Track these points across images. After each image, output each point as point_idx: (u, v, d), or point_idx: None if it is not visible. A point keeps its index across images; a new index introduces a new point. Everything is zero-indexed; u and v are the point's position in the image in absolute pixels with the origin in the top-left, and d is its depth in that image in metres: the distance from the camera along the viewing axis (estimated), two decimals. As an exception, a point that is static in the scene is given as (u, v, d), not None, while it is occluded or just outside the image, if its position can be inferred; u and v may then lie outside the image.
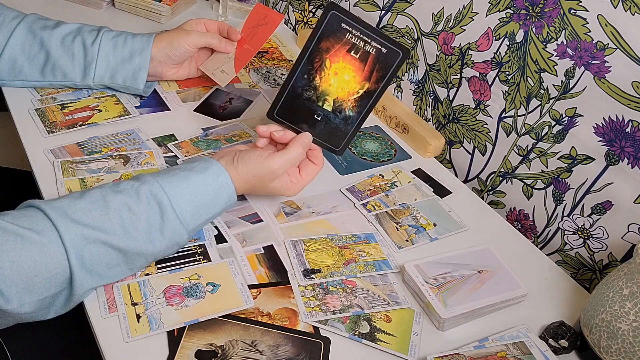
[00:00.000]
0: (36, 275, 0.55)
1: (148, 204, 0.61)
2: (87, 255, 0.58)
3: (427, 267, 0.71)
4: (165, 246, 0.63)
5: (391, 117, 0.98)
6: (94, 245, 0.58)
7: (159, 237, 0.62)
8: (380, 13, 1.00)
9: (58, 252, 0.56)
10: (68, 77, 0.86)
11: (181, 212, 0.63)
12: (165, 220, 0.62)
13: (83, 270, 0.58)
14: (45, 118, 0.84)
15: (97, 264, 0.59)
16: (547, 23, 0.75)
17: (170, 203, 0.62)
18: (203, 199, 0.65)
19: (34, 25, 0.84)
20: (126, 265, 0.62)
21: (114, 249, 0.59)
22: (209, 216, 0.67)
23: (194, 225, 0.65)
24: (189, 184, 0.65)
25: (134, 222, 0.60)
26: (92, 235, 0.58)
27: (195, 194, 0.65)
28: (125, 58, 0.85)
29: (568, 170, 0.78)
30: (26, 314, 0.56)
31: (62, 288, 0.57)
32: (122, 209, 0.60)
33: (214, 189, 0.66)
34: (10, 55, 0.83)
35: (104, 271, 0.60)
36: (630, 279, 0.60)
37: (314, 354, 0.61)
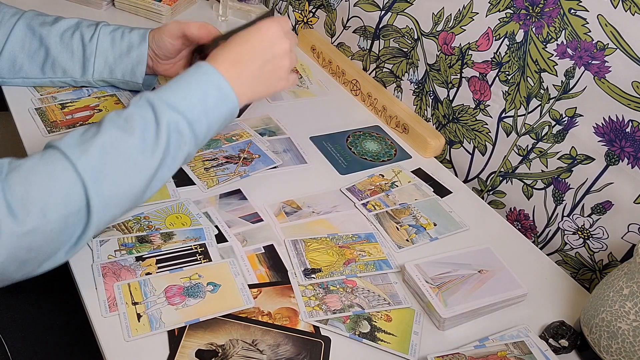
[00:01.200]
0: (51, 191, 0.55)
1: (137, 105, 0.62)
2: (92, 162, 0.57)
3: (428, 267, 0.71)
4: (166, 140, 0.62)
5: (391, 117, 0.98)
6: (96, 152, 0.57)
7: (155, 129, 0.61)
8: (380, 13, 1.00)
9: (64, 165, 0.56)
10: (68, 73, 0.86)
11: (171, 102, 0.63)
12: (158, 112, 0.62)
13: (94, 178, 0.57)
14: (45, 117, 0.84)
15: (105, 171, 0.58)
16: (547, 23, 0.75)
17: (159, 97, 0.62)
18: (191, 90, 0.65)
19: (33, 21, 0.84)
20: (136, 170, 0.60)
21: (117, 153, 0.59)
22: (206, 106, 0.65)
23: (192, 114, 0.64)
24: (174, 82, 0.65)
25: (127, 121, 0.60)
26: (91, 145, 0.58)
27: (181, 87, 0.65)
28: (123, 52, 0.85)
29: (568, 170, 0.79)
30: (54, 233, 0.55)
31: (81, 204, 0.56)
32: (113, 117, 0.61)
33: (198, 78, 0.66)
34: (10, 52, 0.83)
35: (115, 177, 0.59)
36: (630, 279, 0.61)
37: (314, 353, 0.61)
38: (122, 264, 0.67)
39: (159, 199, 0.76)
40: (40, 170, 0.56)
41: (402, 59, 1.00)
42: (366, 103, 1.03)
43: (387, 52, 1.02)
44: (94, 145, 0.58)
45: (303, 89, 1.05)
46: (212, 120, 0.66)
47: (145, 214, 0.73)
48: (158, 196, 0.76)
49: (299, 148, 0.90)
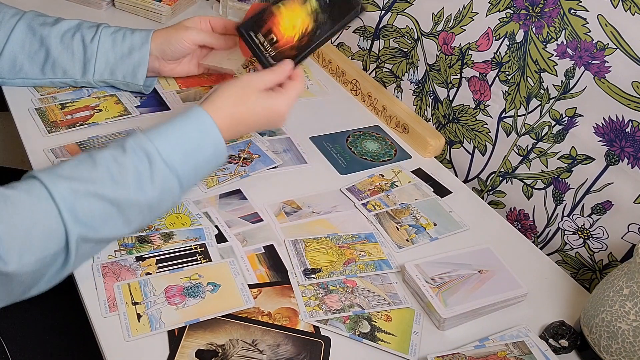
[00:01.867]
0: (31, 234, 0.55)
1: (134, 153, 0.62)
2: (79, 208, 0.57)
3: (428, 267, 0.71)
4: (158, 195, 0.63)
5: (391, 117, 0.98)
6: (85, 198, 0.58)
7: (149, 185, 0.62)
8: (380, 13, 1.00)
9: (49, 207, 0.56)
10: (68, 74, 0.86)
11: (168, 158, 0.63)
12: (153, 167, 0.62)
13: (77, 225, 0.57)
14: (45, 117, 0.84)
15: (90, 218, 0.58)
16: (547, 23, 0.75)
17: (156, 150, 0.63)
18: (188, 143, 0.65)
19: (33, 22, 0.84)
20: (121, 217, 0.61)
21: (105, 201, 0.59)
22: (197, 161, 0.66)
23: (183, 171, 0.65)
24: (172, 129, 0.65)
25: (122, 172, 0.60)
26: (81, 188, 0.58)
27: (179, 138, 0.65)
28: (124, 54, 0.85)
29: (568, 170, 0.79)
30: (27, 275, 0.55)
31: (59, 247, 0.57)
32: (108, 160, 0.61)
33: (198, 131, 0.67)
34: (11, 53, 0.83)
35: (99, 225, 0.60)
36: (630, 279, 0.61)
37: (314, 353, 0.62)
38: (122, 264, 0.67)
39: (159, 199, 0.76)
40: (25, 210, 0.55)
41: (402, 59, 1.00)
42: (366, 103, 1.03)
43: (387, 52, 1.02)
44: (83, 190, 0.58)
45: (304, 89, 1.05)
46: (198, 172, 0.69)
47: (145, 214, 0.73)
48: (158, 196, 0.76)
49: (299, 148, 0.90)
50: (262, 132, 0.91)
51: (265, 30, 0.76)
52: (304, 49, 0.77)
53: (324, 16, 0.76)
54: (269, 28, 0.76)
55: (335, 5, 0.76)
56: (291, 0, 0.76)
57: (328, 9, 0.76)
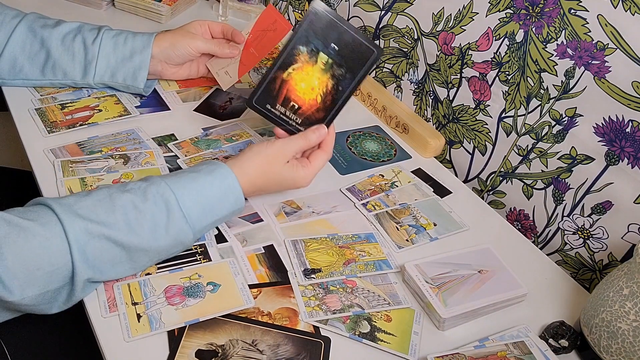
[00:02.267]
0: (38, 269, 0.55)
1: (154, 203, 0.62)
2: (90, 250, 0.58)
3: (428, 267, 0.71)
4: (169, 245, 0.63)
5: (391, 117, 0.98)
6: (97, 240, 0.58)
7: (163, 235, 0.62)
8: (380, 13, 1.00)
9: (61, 245, 0.56)
10: (68, 76, 0.86)
11: (188, 212, 0.63)
12: (171, 218, 0.62)
13: (85, 266, 0.58)
14: (45, 118, 0.84)
15: (99, 260, 0.59)
16: (547, 23, 0.75)
17: (177, 202, 0.63)
18: (210, 201, 0.66)
19: (34, 24, 0.84)
20: (129, 263, 0.62)
21: (117, 245, 0.59)
22: (215, 218, 0.67)
23: (200, 226, 0.65)
24: (196, 185, 0.65)
25: (139, 219, 0.61)
26: (96, 230, 0.58)
27: (202, 194, 0.65)
28: (125, 57, 0.85)
29: (568, 170, 0.79)
30: (27, 306, 0.56)
31: (64, 283, 0.58)
32: (127, 206, 0.61)
33: (220, 190, 0.66)
34: (11, 54, 0.83)
35: (106, 268, 0.60)
36: (630, 279, 0.61)
37: (314, 353, 0.61)
38: (122, 264, 0.66)
39: (158, 199, 0.76)
40: (37, 245, 0.55)
41: (402, 59, 1.00)
42: (366, 103, 1.03)
43: (387, 52, 1.02)
44: (99, 235, 0.58)
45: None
46: (213, 226, 0.70)
47: (145, 214, 0.73)
48: (158, 196, 0.76)
49: (299, 148, 0.90)
50: (262, 132, 0.91)
51: (282, 100, 0.74)
52: (330, 108, 0.74)
53: (341, 70, 0.72)
54: (287, 97, 0.73)
55: (349, 56, 0.71)
56: (300, 63, 0.72)
57: (343, 61, 0.71)
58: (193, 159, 0.83)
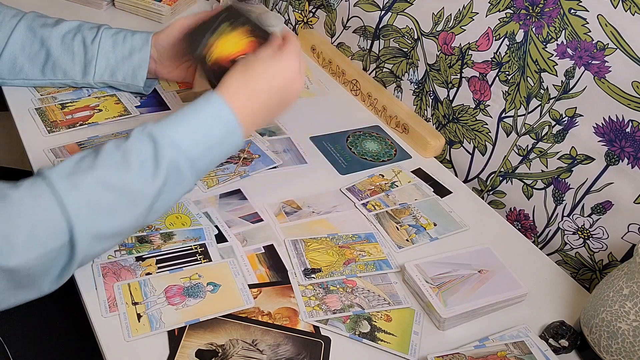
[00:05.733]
0: (34, 228, 0.53)
1: (137, 138, 0.60)
2: (82, 198, 0.55)
3: (428, 267, 0.71)
4: (163, 180, 0.60)
5: (391, 117, 0.98)
6: (86, 187, 0.56)
7: (153, 168, 0.59)
8: (380, 13, 1.00)
9: (51, 202, 0.54)
10: (68, 75, 0.86)
11: (174, 139, 0.60)
12: (158, 148, 0.59)
13: (81, 216, 0.55)
14: (45, 117, 0.84)
15: (95, 208, 0.56)
16: (547, 23, 0.75)
17: (160, 131, 0.60)
18: (198, 126, 0.62)
19: (34, 23, 0.84)
20: (129, 206, 0.58)
21: (109, 188, 0.57)
22: (209, 143, 0.63)
23: (194, 153, 0.62)
24: (179, 114, 0.63)
25: (125, 156, 0.58)
26: (82, 178, 0.56)
27: (188, 121, 0.62)
28: (125, 55, 0.85)
29: (568, 170, 0.79)
30: (32, 269, 0.54)
31: (63, 241, 0.55)
32: (111, 149, 0.59)
33: (206, 111, 0.64)
34: (11, 54, 0.83)
35: (105, 216, 0.57)
36: (630, 279, 0.61)
37: (314, 353, 0.62)
38: (122, 264, 0.67)
39: (159, 199, 0.76)
40: (25, 206, 0.54)
41: (402, 59, 1.00)
42: (366, 103, 1.03)
43: (387, 52, 1.02)
44: (86, 181, 0.56)
45: (303, 89, 1.05)
46: (215, 156, 0.65)
47: (145, 214, 0.73)
48: (158, 196, 0.76)
49: (299, 148, 0.90)
50: (262, 131, 0.91)
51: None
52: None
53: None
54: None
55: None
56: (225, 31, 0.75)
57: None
58: (193, 158, 0.83)
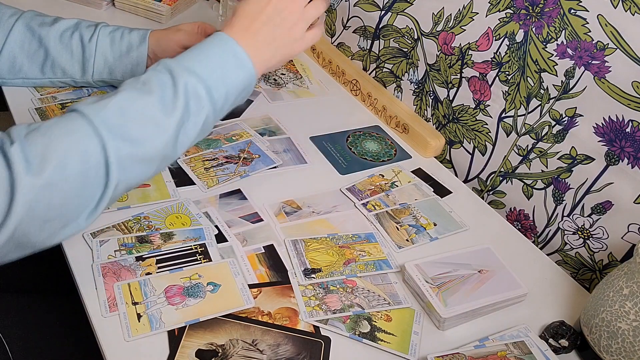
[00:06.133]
0: (69, 148, 0.54)
1: (154, 69, 0.62)
2: (111, 121, 0.57)
3: (428, 267, 0.71)
4: (184, 104, 0.61)
5: (391, 117, 0.98)
6: (115, 108, 0.58)
7: (173, 91, 0.61)
8: (380, 13, 1.00)
9: (83, 122, 0.56)
10: (68, 74, 0.86)
11: (188, 65, 0.63)
12: (175, 75, 0.61)
13: (111, 135, 0.56)
14: (45, 117, 0.84)
15: (124, 129, 0.58)
16: (547, 23, 0.76)
17: (175, 62, 0.63)
18: (208, 56, 0.64)
19: (32, 22, 0.84)
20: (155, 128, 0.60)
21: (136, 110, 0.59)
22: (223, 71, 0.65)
23: (209, 78, 0.63)
24: (190, 51, 0.65)
25: (145, 83, 0.61)
26: (110, 102, 0.58)
27: (197, 53, 0.64)
28: (122, 53, 0.85)
29: (568, 170, 0.79)
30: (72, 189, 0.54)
31: (99, 160, 0.56)
32: (131, 82, 0.61)
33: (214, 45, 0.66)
34: (10, 53, 0.83)
35: (135, 136, 0.58)
36: (630, 279, 0.61)
37: (314, 353, 0.62)
38: (122, 264, 0.67)
39: (159, 198, 0.76)
40: (58, 127, 0.55)
41: (402, 59, 1.00)
42: (366, 103, 1.03)
43: (387, 52, 1.02)
44: (112, 103, 0.58)
45: (303, 89, 1.05)
46: (230, 87, 0.65)
47: (145, 213, 0.73)
48: (158, 196, 0.76)
49: (299, 148, 0.90)
50: (262, 131, 0.91)
51: None
52: None
53: None
54: None
55: None
56: None
57: None
58: (193, 158, 0.83)
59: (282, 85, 1.04)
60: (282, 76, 1.07)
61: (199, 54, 0.65)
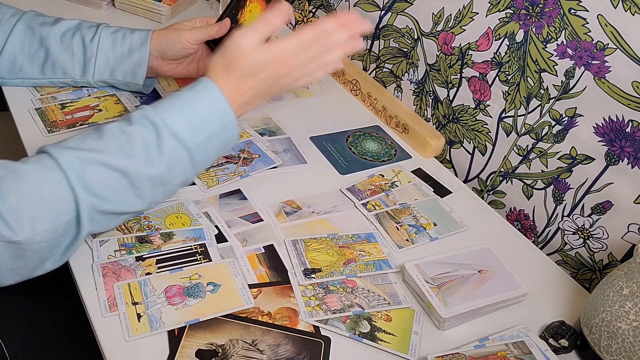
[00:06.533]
0: (42, 202, 0.55)
1: (141, 124, 0.61)
2: (88, 177, 0.57)
3: (428, 267, 0.71)
4: (167, 166, 0.62)
5: (391, 117, 0.98)
6: (92, 166, 0.58)
7: (157, 155, 0.61)
8: (380, 13, 1.00)
9: (57, 176, 0.56)
10: (68, 74, 0.86)
11: (175, 128, 0.62)
12: (160, 137, 0.61)
13: (86, 193, 0.57)
14: (45, 117, 0.84)
15: (100, 187, 0.58)
16: (547, 23, 0.76)
17: (162, 120, 0.62)
18: (196, 115, 0.64)
19: (33, 22, 0.84)
20: (132, 190, 0.61)
21: (114, 170, 0.59)
22: (208, 133, 0.64)
23: (193, 143, 0.63)
24: (180, 101, 0.64)
25: (129, 141, 0.60)
26: (88, 157, 0.58)
27: (187, 109, 0.64)
28: (124, 54, 0.85)
29: (568, 170, 0.79)
30: (41, 244, 0.56)
31: (70, 215, 0.57)
32: (115, 132, 0.61)
33: (205, 103, 0.65)
34: (10, 53, 0.83)
35: (110, 195, 0.59)
36: (630, 279, 0.61)
37: (314, 353, 0.62)
38: (122, 264, 0.67)
39: (159, 199, 0.76)
40: (34, 180, 0.56)
41: (402, 59, 1.00)
42: (366, 103, 1.03)
43: (387, 52, 1.02)
44: (92, 160, 0.58)
45: (303, 89, 1.05)
46: (211, 147, 0.66)
47: (145, 214, 0.73)
48: (158, 196, 0.76)
49: (299, 148, 0.90)
50: (262, 131, 0.91)
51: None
52: None
53: None
54: None
55: None
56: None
57: None
58: (193, 158, 0.83)
59: (282, 85, 1.04)
60: (282, 76, 1.06)
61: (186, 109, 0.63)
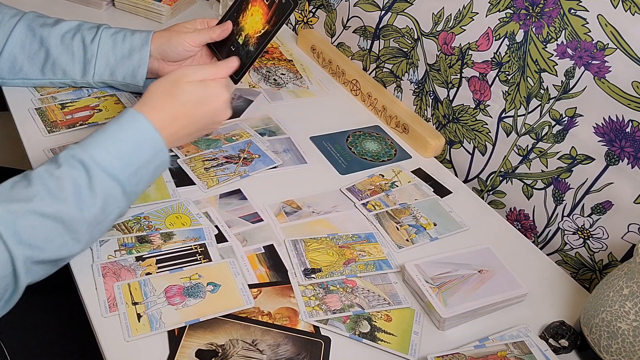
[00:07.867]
0: None
1: (69, 165, 0.60)
2: (21, 229, 0.55)
3: (428, 267, 0.71)
4: (102, 205, 0.60)
5: (391, 117, 0.98)
6: (24, 217, 0.56)
7: (90, 195, 0.59)
8: (380, 13, 1.00)
9: None
10: (68, 75, 0.86)
11: (105, 164, 0.60)
12: (91, 176, 0.59)
13: (21, 246, 0.55)
14: (45, 117, 0.84)
15: (34, 237, 0.56)
16: (547, 23, 0.76)
17: (91, 157, 0.60)
18: (125, 147, 0.63)
19: (33, 22, 0.84)
20: (69, 234, 0.59)
21: (47, 218, 0.57)
22: (138, 164, 0.64)
23: (124, 176, 0.62)
24: (107, 135, 0.63)
25: (59, 185, 0.58)
26: (19, 208, 0.56)
27: (115, 142, 0.62)
28: (124, 55, 0.85)
29: (568, 170, 0.79)
30: None
31: (7, 271, 0.55)
32: (44, 176, 0.59)
33: (133, 133, 0.64)
34: (10, 53, 0.83)
35: (44, 244, 0.57)
36: (630, 279, 0.61)
37: (314, 353, 0.62)
38: (122, 264, 0.67)
39: (158, 198, 0.76)
40: None
41: (402, 59, 1.00)
42: (366, 103, 1.03)
43: (387, 52, 1.02)
44: (24, 211, 0.56)
45: (303, 89, 1.05)
46: (142, 176, 0.65)
47: (145, 214, 0.73)
48: (158, 196, 0.76)
49: (299, 148, 0.90)
50: (262, 131, 0.91)
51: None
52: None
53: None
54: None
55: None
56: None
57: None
58: (193, 158, 0.83)
59: (282, 85, 1.04)
60: (282, 76, 1.07)
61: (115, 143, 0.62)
